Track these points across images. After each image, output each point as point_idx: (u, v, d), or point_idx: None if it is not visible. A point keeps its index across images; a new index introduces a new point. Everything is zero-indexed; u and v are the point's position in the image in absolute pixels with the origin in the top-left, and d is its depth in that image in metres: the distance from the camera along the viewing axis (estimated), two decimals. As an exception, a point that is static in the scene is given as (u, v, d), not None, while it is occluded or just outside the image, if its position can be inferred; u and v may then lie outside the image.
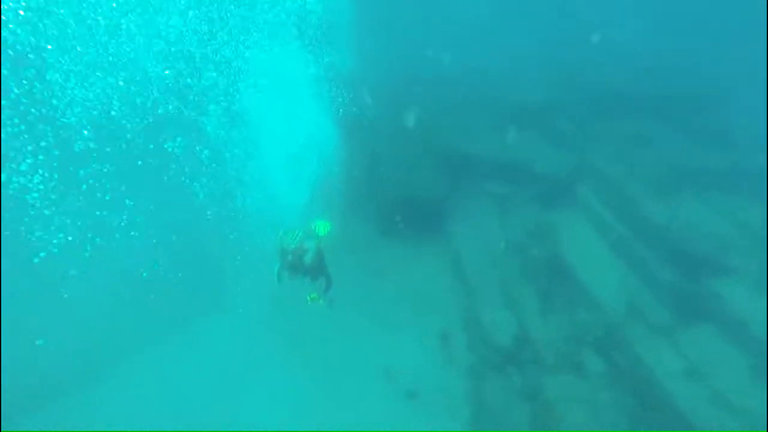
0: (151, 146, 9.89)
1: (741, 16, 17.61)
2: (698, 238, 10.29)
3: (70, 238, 9.03)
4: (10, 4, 7.12)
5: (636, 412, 8.37)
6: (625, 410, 8.43)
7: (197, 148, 9.17)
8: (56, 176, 8.51)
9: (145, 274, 9.57)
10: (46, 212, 8.67)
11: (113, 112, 8.84)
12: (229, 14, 8.28)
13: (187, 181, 9.42)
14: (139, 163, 10.34)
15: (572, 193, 12.60)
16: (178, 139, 9.35)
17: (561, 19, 19.66)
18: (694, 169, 12.29)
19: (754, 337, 8.57)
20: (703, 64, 16.55)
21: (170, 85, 9.13)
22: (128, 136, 10.09)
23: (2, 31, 7.25)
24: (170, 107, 9.48)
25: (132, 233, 10.14)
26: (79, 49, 8.10)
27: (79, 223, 9.31)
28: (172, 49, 8.60)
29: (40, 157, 8.37)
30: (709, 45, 17.32)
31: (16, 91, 8.19)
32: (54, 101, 8.26)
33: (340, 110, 9.09)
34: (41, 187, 8.38)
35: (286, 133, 7.33)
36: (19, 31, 7.44)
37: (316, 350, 9.47)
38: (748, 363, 8.39)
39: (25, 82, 8.22)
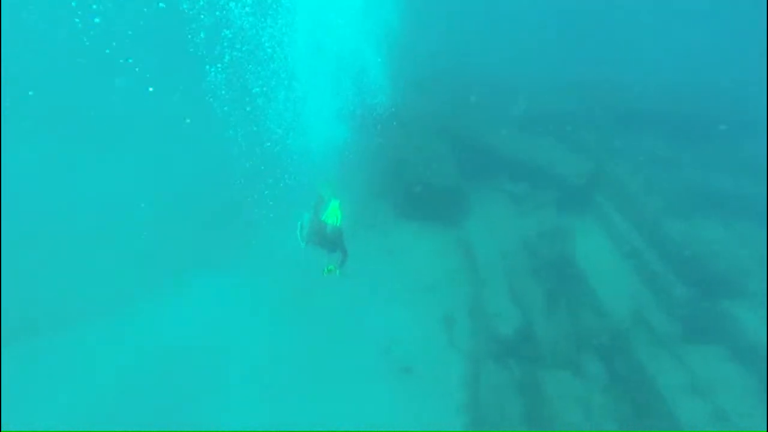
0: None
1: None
2: (717, 258, 10.12)
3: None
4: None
5: (630, 418, 8.20)
6: (620, 415, 8.26)
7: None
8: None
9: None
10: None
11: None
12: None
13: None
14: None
15: (590, 200, 12.48)
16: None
17: (597, 34, 19.73)
18: (718, 193, 12.12)
19: (764, 361, 8.38)
20: (735, 90, 16.42)
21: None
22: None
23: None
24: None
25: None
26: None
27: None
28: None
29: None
30: (743, 73, 17.26)
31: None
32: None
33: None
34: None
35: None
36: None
37: (320, 316, 9.37)
38: (755, 386, 8.19)
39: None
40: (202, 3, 8.33)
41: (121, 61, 13.37)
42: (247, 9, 7.94)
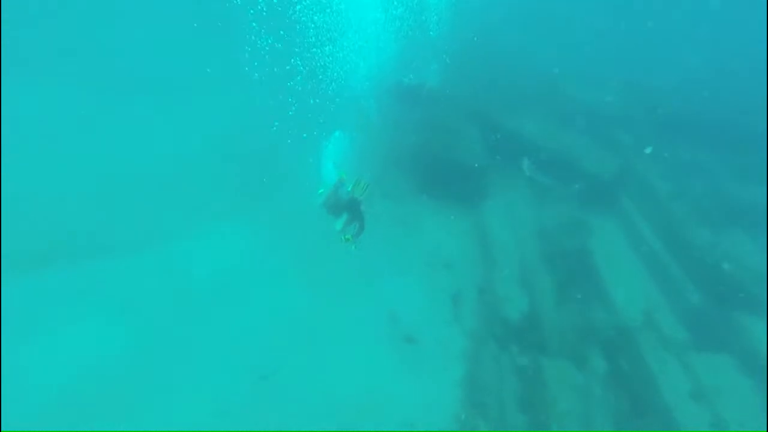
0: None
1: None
2: (738, 270, 9.89)
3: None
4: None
5: (627, 415, 8.19)
6: (617, 410, 8.25)
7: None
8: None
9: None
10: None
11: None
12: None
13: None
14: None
15: (614, 199, 12.26)
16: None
17: (649, 38, 19.29)
18: (746, 205, 11.79)
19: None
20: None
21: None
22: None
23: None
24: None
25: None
26: None
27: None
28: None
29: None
30: None
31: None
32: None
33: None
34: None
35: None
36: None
37: (331, 276, 9.48)
38: (757, 399, 8.08)
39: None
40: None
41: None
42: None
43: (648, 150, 6.80)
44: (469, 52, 16.22)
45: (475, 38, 16.68)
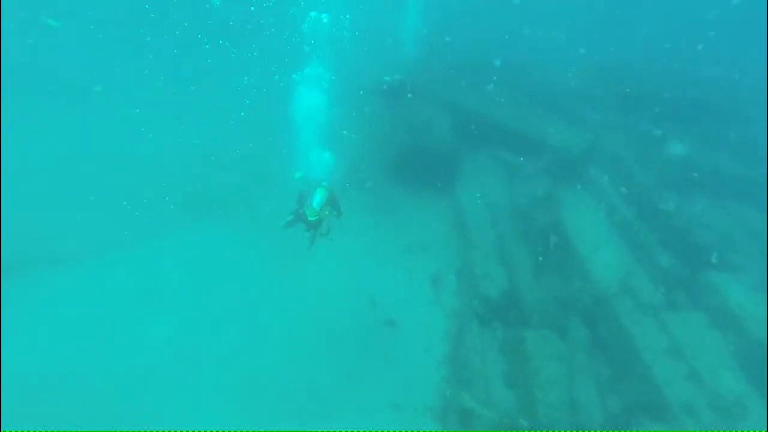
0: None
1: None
2: (703, 231, 10.24)
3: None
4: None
5: (609, 379, 8.39)
6: (599, 375, 8.45)
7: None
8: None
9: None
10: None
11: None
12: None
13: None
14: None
15: (583, 171, 12.53)
16: None
17: (606, 18, 20.00)
18: (708, 172, 12.23)
19: (742, 330, 8.54)
20: (730, 77, 16.61)
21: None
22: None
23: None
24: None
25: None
26: None
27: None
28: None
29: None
30: (739, 61, 17.51)
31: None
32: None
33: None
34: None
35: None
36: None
37: (309, 269, 9.45)
38: (730, 351, 8.36)
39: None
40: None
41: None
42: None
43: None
44: (439, 45, 16.54)
45: (446, 33, 17.03)
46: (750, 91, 16.70)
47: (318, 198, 7.01)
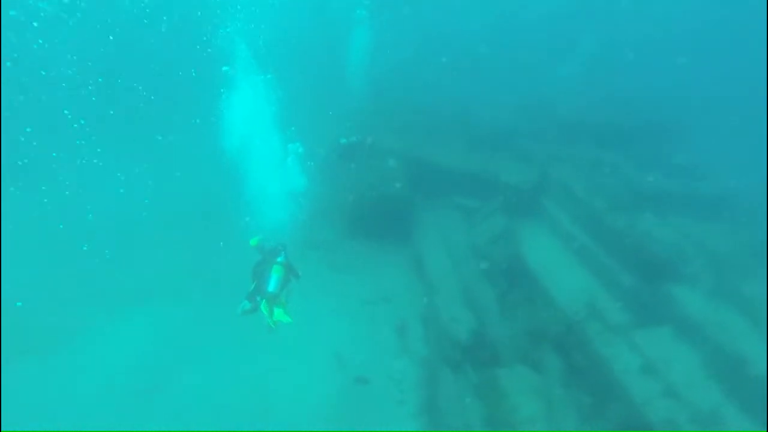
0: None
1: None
2: (656, 246, 10.51)
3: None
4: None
5: (590, 407, 8.18)
6: (580, 404, 8.24)
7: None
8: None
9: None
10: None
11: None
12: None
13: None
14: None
15: (536, 204, 12.89)
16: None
17: (534, 52, 21.36)
18: (652, 192, 12.81)
19: (706, 338, 8.60)
20: (663, 98, 17.79)
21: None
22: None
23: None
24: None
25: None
26: None
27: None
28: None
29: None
30: (668, 81, 18.90)
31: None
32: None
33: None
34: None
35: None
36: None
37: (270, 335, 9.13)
38: (699, 360, 8.36)
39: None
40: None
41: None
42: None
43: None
44: (388, 97, 17.28)
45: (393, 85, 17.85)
46: (685, 109, 17.84)
47: (274, 280, 6.64)
